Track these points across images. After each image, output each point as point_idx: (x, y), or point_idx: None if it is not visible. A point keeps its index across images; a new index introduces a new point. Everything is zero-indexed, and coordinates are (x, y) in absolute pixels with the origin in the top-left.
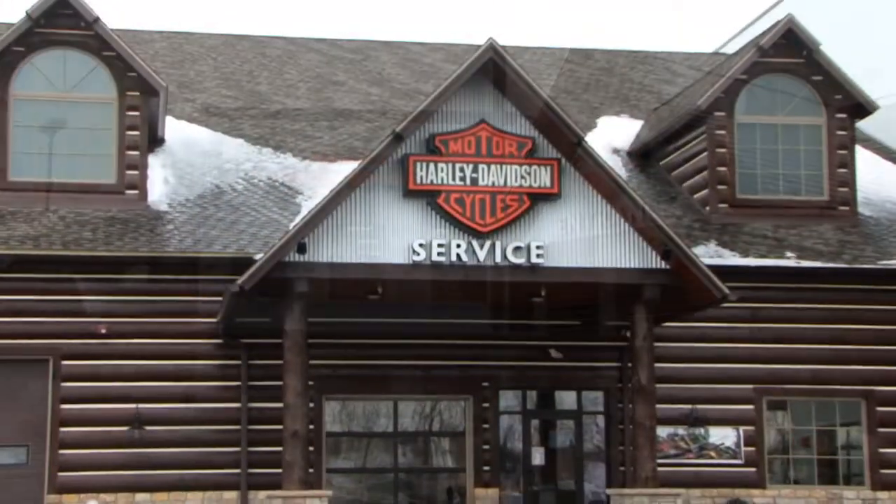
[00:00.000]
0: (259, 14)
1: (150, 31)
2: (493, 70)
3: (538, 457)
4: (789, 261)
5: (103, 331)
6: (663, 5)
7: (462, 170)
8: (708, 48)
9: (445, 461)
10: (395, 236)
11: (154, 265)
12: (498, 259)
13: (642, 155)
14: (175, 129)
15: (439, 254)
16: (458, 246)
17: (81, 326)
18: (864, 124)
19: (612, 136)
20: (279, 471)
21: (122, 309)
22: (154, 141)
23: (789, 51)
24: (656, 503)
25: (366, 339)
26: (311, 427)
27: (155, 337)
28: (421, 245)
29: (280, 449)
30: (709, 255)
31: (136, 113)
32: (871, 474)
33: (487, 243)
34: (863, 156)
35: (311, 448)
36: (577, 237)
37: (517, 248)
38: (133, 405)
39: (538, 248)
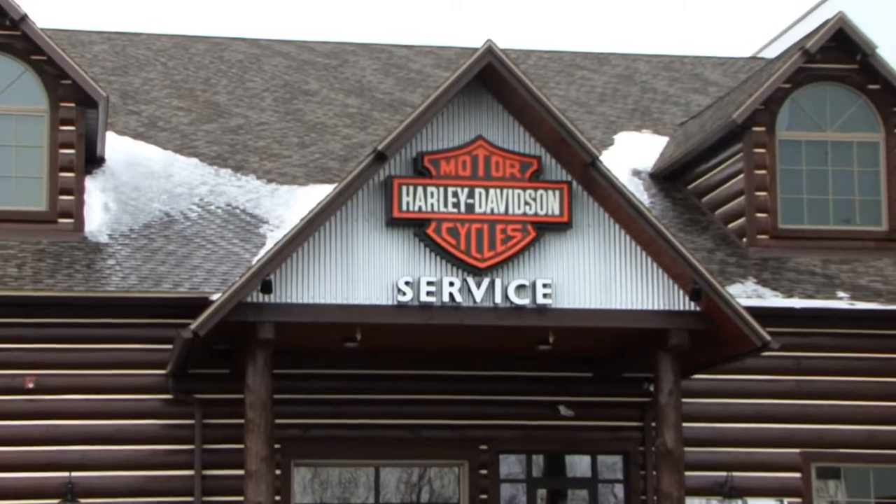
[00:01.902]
0: (216, 12)
1: (89, 32)
2: (491, 77)
3: None
4: (841, 302)
5: (31, 385)
6: (668, 5)
7: (456, 195)
8: (744, 52)
9: None
10: (376, 273)
11: (92, 308)
12: (498, 300)
13: (667, 177)
14: (117, 147)
15: (429, 293)
16: (452, 284)
17: (5, 380)
18: None
19: (633, 155)
20: None
21: (53, 359)
22: (92, 161)
23: (840, 55)
24: None
25: (342, 395)
26: (278, 498)
27: (92, 392)
28: (407, 283)
29: None
30: (746, 294)
31: (71, 128)
32: None
33: (486, 281)
34: None
35: None
36: (591, 274)
37: (521, 287)
38: (66, 473)
39: (545, 286)
